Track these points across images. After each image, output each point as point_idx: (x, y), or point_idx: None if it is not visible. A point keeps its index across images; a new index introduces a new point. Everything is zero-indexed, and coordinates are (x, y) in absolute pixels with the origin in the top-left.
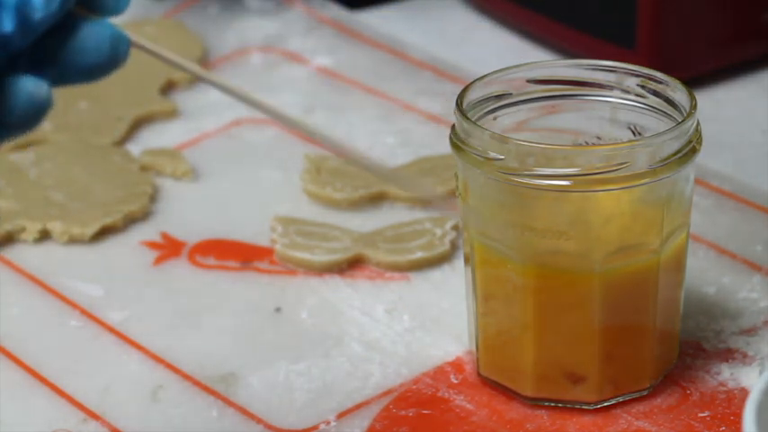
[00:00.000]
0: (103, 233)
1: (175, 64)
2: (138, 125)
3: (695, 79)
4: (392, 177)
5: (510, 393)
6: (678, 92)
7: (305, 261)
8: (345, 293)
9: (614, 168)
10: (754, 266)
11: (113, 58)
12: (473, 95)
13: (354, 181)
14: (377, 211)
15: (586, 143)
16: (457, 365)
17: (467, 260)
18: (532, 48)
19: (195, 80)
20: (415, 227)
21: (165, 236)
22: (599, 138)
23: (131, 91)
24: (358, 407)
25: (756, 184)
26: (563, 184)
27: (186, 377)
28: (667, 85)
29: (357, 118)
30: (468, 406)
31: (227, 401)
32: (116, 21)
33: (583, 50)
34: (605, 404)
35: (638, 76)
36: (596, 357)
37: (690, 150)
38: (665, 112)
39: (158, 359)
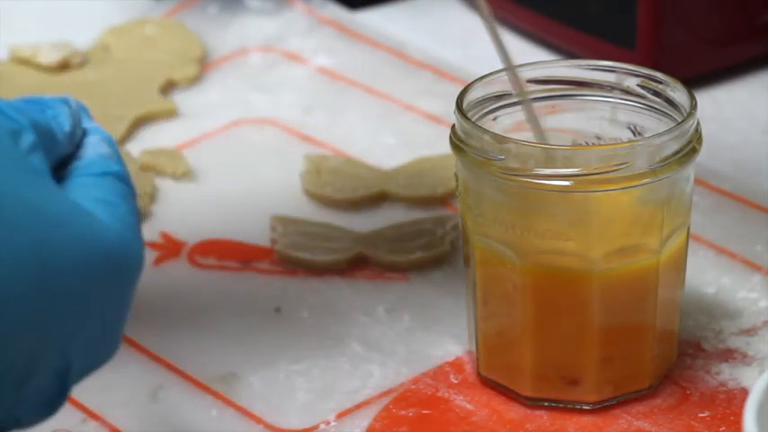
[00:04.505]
0: None
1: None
2: (137, 125)
3: (695, 79)
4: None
5: (510, 393)
6: (678, 92)
7: (305, 261)
8: (345, 293)
9: (614, 168)
10: (754, 266)
11: None
12: (473, 95)
13: (354, 181)
14: (377, 211)
15: (586, 143)
16: (457, 365)
17: (467, 260)
18: (532, 48)
19: (195, 80)
20: (415, 227)
21: (164, 236)
22: (599, 138)
23: (131, 91)
24: (358, 407)
25: (756, 184)
26: (563, 185)
27: (186, 377)
28: (667, 85)
29: (357, 118)
30: (468, 406)
31: (227, 401)
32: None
33: (583, 50)
34: (605, 404)
35: (638, 76)
36: (596, 357)
37: (690, 150)
38: (665, 112)
39: (158, 359)
